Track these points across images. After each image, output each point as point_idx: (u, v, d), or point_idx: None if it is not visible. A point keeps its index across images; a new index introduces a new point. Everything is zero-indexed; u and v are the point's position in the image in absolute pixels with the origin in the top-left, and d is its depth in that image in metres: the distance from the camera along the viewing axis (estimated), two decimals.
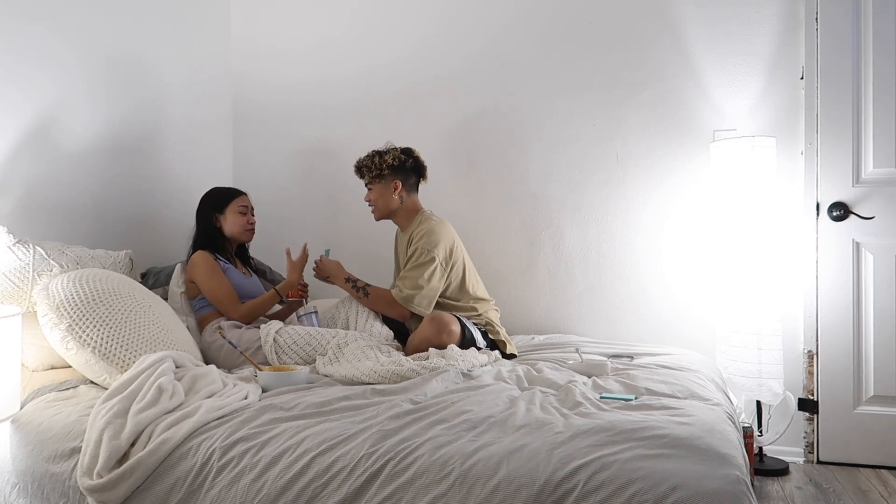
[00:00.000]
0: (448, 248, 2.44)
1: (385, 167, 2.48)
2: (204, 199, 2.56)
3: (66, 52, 2.41)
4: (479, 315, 2.46)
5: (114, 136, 2.64)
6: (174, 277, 2.46)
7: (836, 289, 2.66)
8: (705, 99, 2.80)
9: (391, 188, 2.50)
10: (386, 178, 2.49)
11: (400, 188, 2.50)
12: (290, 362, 2.17)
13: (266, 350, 2.18)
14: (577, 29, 2.94)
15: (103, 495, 1.43)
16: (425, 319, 2.30)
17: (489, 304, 2.54)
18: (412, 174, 2.54)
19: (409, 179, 2.53)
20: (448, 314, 2.31)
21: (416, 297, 2.37)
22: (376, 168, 2.48)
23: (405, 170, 2.51)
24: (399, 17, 3.16)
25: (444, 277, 2.43)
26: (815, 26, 2.66)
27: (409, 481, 1.31)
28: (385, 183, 2.50)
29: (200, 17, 3.16)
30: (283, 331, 2.23)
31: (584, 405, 1.64)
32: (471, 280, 2.51)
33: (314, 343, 2.19)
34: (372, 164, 2.49)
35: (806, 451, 2.69)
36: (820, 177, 2.68)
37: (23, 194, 2.25)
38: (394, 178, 2.49)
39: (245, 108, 3.37)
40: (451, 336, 2.25)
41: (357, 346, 2.12)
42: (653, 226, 2.87)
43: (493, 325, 2.47)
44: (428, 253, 2.38)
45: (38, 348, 1.95)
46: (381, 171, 2.48)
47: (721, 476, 1.22)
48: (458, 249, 2.49)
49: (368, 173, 2.51)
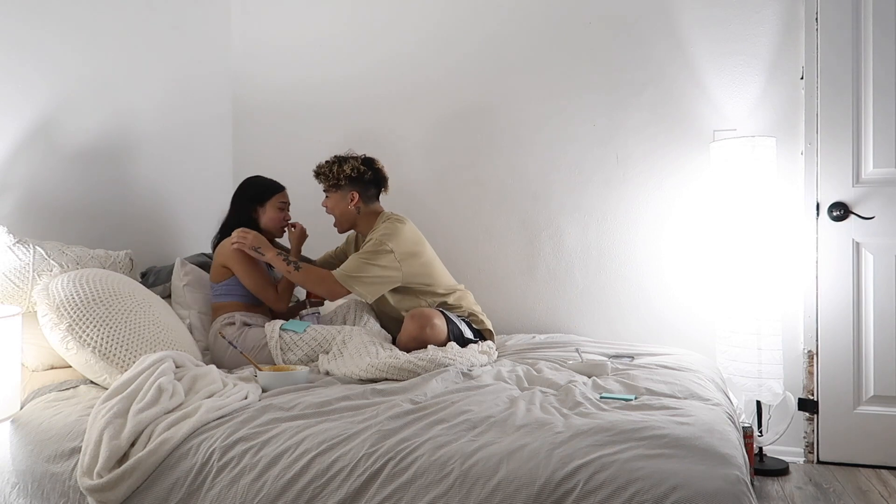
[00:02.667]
0: (408, 244, 2.35)
1: (342, 177, 2.39)
2: (245, 187, 2.51)
3: (66, 52, 2.41)
4: (460, 307, 2.44)
5: (114, 136, 2.64)
6: (175, 272, 2.45)
7: (836, 289, 2.66)
8: (705, 99, 2.80)
9: (347, 199, 2.42)
10: (343, 189, 2.41)
11: (357, 199, 2.42)
12: (295, 359, 2.18)
13: (271, 346, 2.19)
14: (576, 29, 2.94)
15: (103, 495, 1.43)
16: (407, 317, 2.27)
17: (463, 291, 2.50)
18: (371, 186, 2.45)
19: (367, 191, 2.44)
20: (429, 309, 2.29)
21: (358, 278, 2.27)
22: (333, 177, 2.40)
23: (363, 181, 2.42)
24: (398, 17, 3.16)
25: (395, 272, 2.31)
26: (815, 26, 2.66)
27: (409, 481, 1.31)
28: (342, 193, 2.42)
29: (200, 17, 3.16)
30: (287, 328, 2.24)
31: (584, 405, 1.64)
32: (438, 271, 2.46)
33: (319, 339, 2.20)
34: (329, 173, 2.41)
35: (806, 451, 2.69)
36: (820, 177, 2.68)
37: (23, 194, 2.25)
38: (351, 188, 2.41)
39: (245, 107, 3.37)
40: (435, 329, 2.21)
41: (360, 342, 2.13)
42: (653, 226, 2.87)
43: (477, 314, 2.46)
44: (383, 244, 2.30)
45: (38, 348, 1.95)
46: (337, 181, 2.40)
47: (721, 476, 1.22)
48: (421, 247, 2.41)
49: (325, 181, 2.43)
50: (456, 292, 2.47)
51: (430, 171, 3.09)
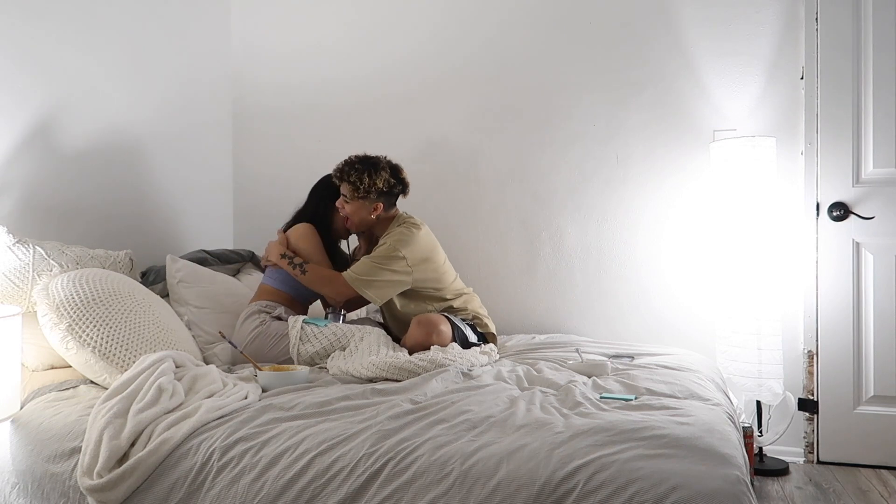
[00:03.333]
0: (421, 252, 2.33)
1: (373, 190, 2.33)
2: (327, 182, 2.48)
3: (66, 53, 2.41)
4: (466, 310, 2.44)
5: (114, 136, 2.64)
6: (168, 270, 2.41)
7: (836, 289, 2.66)
8: (705, 99, 2.80)
9: (370, 209, 2.38)
10: (369, 199, 2.37)
11: (380, 210, 2.38)
12: (311, 351, 2.19)
13: (291, 335, 2.21)
14: (576, 29, 2.94)
15: (103, 495, 1.43)
16: (413, 322, 2.26)
17: (470, 294, 2.50)
18: (395, 197, 2.44)
19: (390, 201, 2.42)
20: (436, 314, 2.28)
21: (368, 281, 2.26)
22: (364, 190, 2.33)
23: (391, 195, 2.40)
24: (398, 19, 3.15)
25: (406, 277, 2.30)
26: (815, 26, 2.66)
27: (409, 481, 1.31)
28: (367, 202, 2.37)
29: (200, 18, 3.16)
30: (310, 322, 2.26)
31: (584, 405, 1.64)
32: (449, 277, 2.45)
33: (339, 335, 2.21)
34: (360, 184, 2.32)
35: (806, 451, 2.69)
36: (820, 177, 2.68)
37: (23, 194, 2.25)
38: (377, 200, 2.37)
39: (245, 109, 3.37)
40: (441, 336, 2.21)
41: (375, 341, 2.14)
42: (653, 226, 2.87)
43: (481, 317, 2.46)
44: (396, 250, 2.29)
45: (38, 348, 1.95)
46: (367, 193, 2.34)
47: (721, 476, 1.22)
48: (435, 253, 2.40)
49: (353, 191, 2.34)
50: (463, 296, 2.47)
51: (430, 172, 3.09)
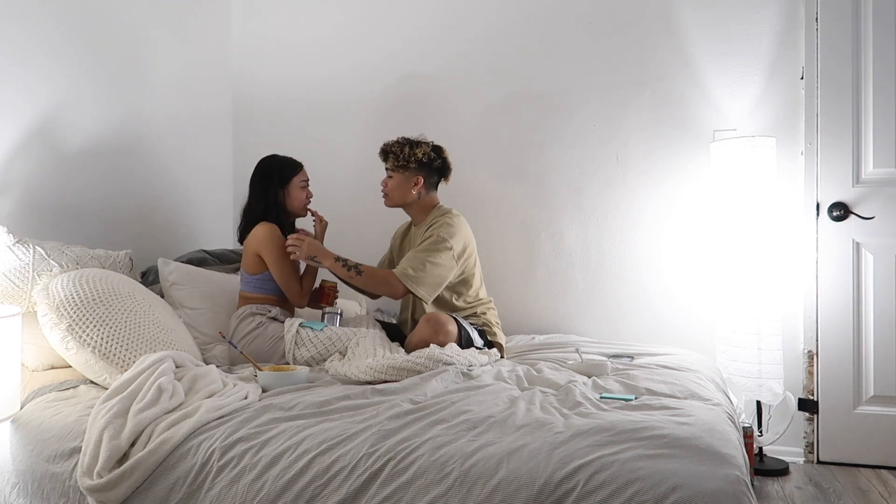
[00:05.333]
0: (464, 242, 2.40)
1: (413, 160, 2.42)
2: (265, 169, 2.41)
3: (66, 52, 2.41)
4: (477, 316, 2.45)
5: (114, 136, 2.64)
6: (161, 274, 2.40)
7: (836, 289, 2.66)
8: (705, 99, 2.80)
9: (412, 182, 2.44)
10: (410, 171, 2.43)
11: (421, 184, 2.45)
12: (306, 356, 2.19)
13: (287, 339, 2.20)
14: (577, 29, 2.94)
15: (103, 495, 1.43)
16: (422, 320, 2.27)
17: (489, 305, 2.53)
18: (436, 174, 2.50)
19: (431, 178, 2.49)
20: (445, 314, 2.29)
21: (419, 278, 2.29)
22: (404, 159, 2.42)
23: (431, 168, 2.46)
24: (398, 17, 3.15)
25: (456, 270, 2.37)
26: (815, 26, 2.66)
27: (409, 481, 1.31)
28: (408, 175, 2.44)
29: (200, 16, 3.16)
30: (306, 325, 2.26)
31: (584, 405, 1.64)
32: (477, 281, 2.49)
33: (334, 339, 2.21)
34: (401, 153, 2.42)
35: (806, 451, 2.69)
36: (820, 177, 2.68)
37: (23, 194, 2.25)
38: (418, 173, 2.44)
39: (245, 106, 3.37)
40: (448, 336, 2.22)
41: (371, 344, 2.14)
42: (653, 226, 2.87)
43: (491, 325, 2.46)
44: (444, 241, 2.33)
45: (38, 348, 1.95)
46: (407, 163, 2.42)
47: (721, 476, 1.22)
48: (472, 247, 2.46)
49: (395, 161, 2.43)
50: (479, 304, 2.48)
51: None
